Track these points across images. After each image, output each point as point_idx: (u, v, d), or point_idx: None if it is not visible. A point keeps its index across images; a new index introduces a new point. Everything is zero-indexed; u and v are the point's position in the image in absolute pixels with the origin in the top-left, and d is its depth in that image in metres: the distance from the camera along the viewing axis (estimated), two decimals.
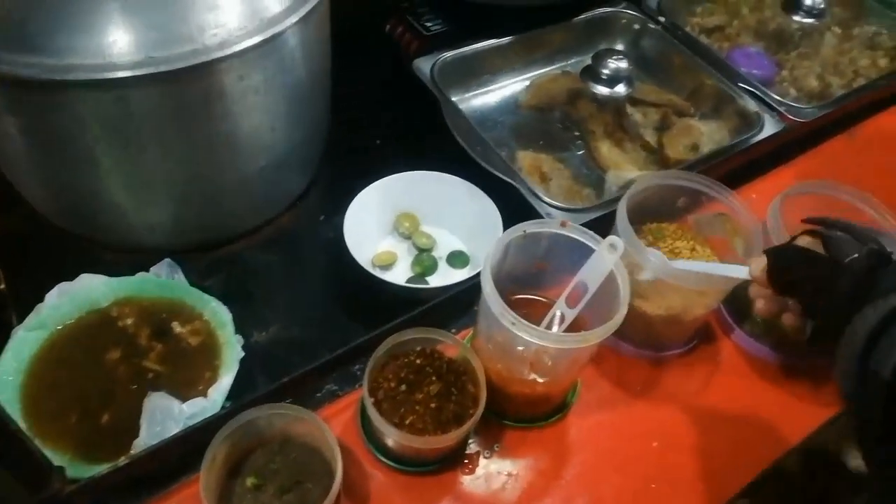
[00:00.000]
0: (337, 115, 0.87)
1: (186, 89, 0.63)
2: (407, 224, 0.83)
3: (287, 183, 0.83)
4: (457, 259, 0.81)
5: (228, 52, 0.62)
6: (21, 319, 0.68)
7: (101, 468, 0.55)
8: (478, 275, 0.73)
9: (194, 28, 0.61)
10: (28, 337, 0.64)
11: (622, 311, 0.56)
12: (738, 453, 0.68)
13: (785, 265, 0.55)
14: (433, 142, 0.85)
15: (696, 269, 0.63)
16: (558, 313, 0.62)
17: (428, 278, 0.79)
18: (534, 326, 0.54)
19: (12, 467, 0.46)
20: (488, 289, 0.56)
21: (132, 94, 0.61)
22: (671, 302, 0.67)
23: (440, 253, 0.82)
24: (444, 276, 0.80)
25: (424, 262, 0.80)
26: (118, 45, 0.59)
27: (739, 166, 0.90)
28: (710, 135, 0.92)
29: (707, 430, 0.69)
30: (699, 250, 0.74)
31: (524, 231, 0.61)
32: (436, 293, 0.73)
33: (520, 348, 0.59)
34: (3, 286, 0.71)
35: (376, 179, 0.80)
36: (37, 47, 0.58)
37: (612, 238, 0.57)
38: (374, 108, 0.98)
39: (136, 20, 0.60)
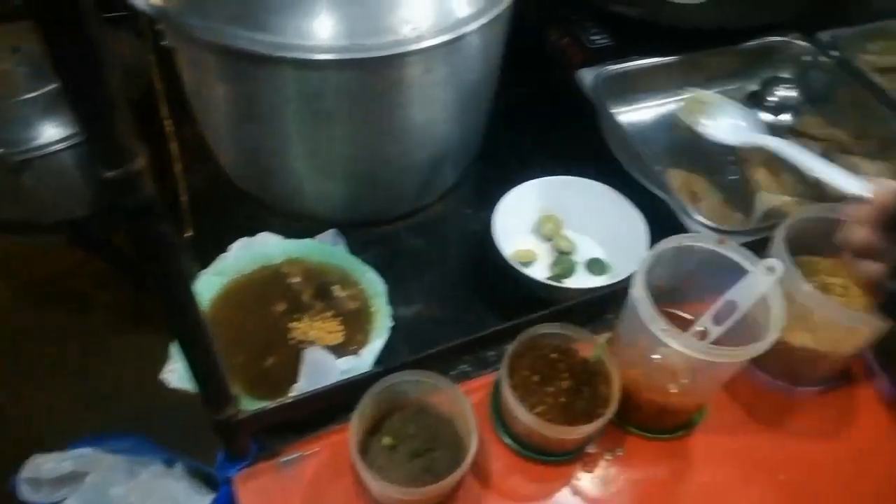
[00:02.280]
0: (495, 117, 0.91)
1: (380, 76, 0.69)
2: (550, 226, 0.85)
3: (444, 174, 0.88)
4: (596, 266, 0.83)
5: (423, 45, 0.67)
6: (202, 266, 0.77)
7: (265, 404, 0.61)
8: (616, 283, 0.75)
9: (396, 21, 0.67)
10: (211, 280, 0.73)
11: (774, 334, 0.56)
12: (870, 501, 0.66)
13: None
14: (584, 150, 0.88)
15: (807, 162, 0.61)
16: (701, 329, 0.62)
17: (565, 281, 0.81)
18: (684, 335, 0.55)
19: (205, 387, 0.53)
20: (640, 292, 0.58)
21: (333, 75, 0.68)
22: (818, 335, 0.66)
23: (580, 258, 0.84)
24: (582, 281, 0.82)
25: (563, 264, 0.82)
26: (329, 30, 0.66)
27: None
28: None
29: (837, 475, 0.68)
30: (852, 290, 0.71)
31: (680, 242, 0.62)
32: (573, 294, 0.76)
33: (657, 357, 0.61)
34: (191, 233, 0.80)
35: (523, 180, 0.83)
36: (258, 25, 0.66)
37: (771, 260, 0.57)
38: (529, 112, 1.02)
39: (347, 9, 0.66)
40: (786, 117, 0.88)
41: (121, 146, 0.36)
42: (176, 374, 0.64)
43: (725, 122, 0.62)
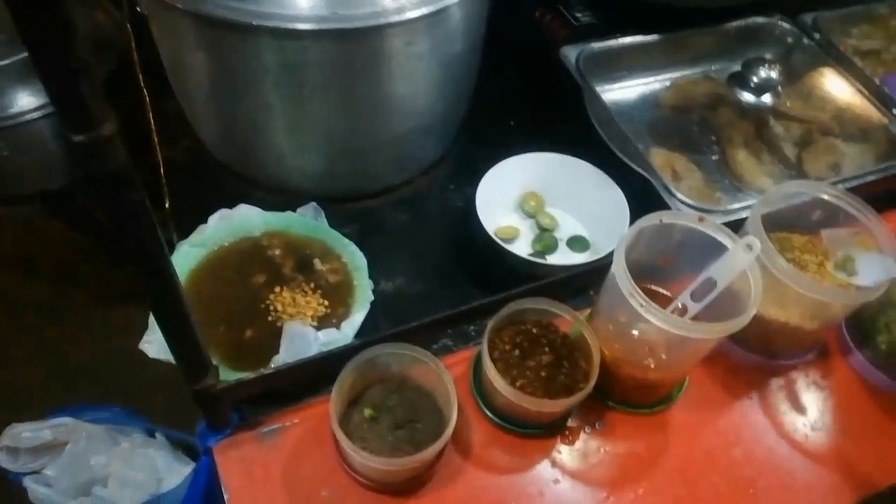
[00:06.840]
0: (478, 92, 0.91)
1: (361, 47, 0.68)
2: (532, 203, 0.85)
3: (426, 148, 0.88)
4: (577, 243, 0.83)
5: (404, 17, 0.66)
6: (180, 238, 0.76)
7: (245, 375, 0.61)
8: (597, 260, 0.76)
9: None
10: (190, 252, 0.72)
11: (752, 311, 0.57)
12: (842, 475, 0.67)
13: None
14: (567, 128, 0.87)
15: None
16: (680, 305, 0.63)
17: (547, 257, 0.82)
18: (663, 310, 0.56)
19: (183, 357, 0.53)
20: (620, 268, 0.58)
21: (313, 45, 0.67)
22: (793, 310, 0.67)
23: (561, 235, 0.84)
24: (563, 258, 0.82)
25: (546, 241, 0.82)
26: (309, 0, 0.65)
27: (880, 193, 0.87)
28: (853, 157, 0.90)
29: (813, 446, 0.69)
30: (826, 266, 0.73)
31: (661, 220, 0.62)
32: (555, 271, 0.76)
33: (636, 332, 0.61)
34: (167, 207, 0.79)
35: (506, 157, 0.83)
36: None
37: (749, 238, 0.58)
38: (513, 90, 1.02)
39: None
40: (767, 98, 0.89)
41: (88, 110, 0.35)
42: (154, 344, 0.63)
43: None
